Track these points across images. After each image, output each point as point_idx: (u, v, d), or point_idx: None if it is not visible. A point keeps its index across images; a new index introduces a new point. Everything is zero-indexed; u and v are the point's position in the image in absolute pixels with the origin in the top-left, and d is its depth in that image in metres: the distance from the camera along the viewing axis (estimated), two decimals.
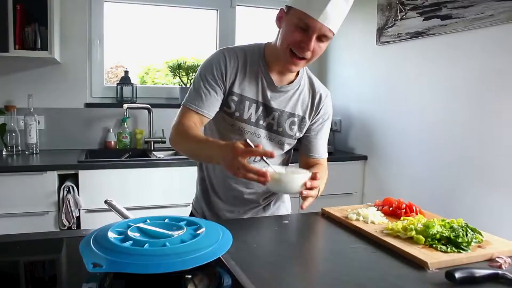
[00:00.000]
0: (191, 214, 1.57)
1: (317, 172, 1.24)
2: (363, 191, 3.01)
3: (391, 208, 1.37)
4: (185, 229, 0.98)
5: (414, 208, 1.33)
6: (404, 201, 1.38)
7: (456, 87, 2.26)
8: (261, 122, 1.41)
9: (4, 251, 1.07)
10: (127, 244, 0.90)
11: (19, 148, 2.70)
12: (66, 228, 2.37)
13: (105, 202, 1.26)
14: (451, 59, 2.29)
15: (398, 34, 2.61)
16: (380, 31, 2.76)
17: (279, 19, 1.32)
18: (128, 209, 2.32)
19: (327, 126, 1.54)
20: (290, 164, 1.52)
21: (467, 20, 2.15)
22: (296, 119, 1.44)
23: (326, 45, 1.30)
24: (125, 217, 1.21)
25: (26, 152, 2.70)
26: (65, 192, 2.35)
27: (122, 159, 2.61)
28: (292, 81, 1.43)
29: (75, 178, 2.40)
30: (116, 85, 3.07)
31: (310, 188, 1.20)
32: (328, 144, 2.93)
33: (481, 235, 1.13)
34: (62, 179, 2.42)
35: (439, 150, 2.38)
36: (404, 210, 1.33)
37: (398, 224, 1.16)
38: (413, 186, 2.56)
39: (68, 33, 2.88)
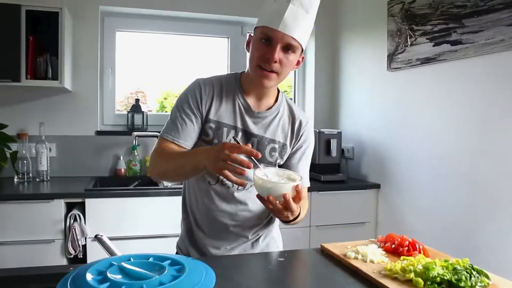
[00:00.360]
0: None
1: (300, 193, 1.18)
2: (376, 221, 2.91)
3: (393, 246, 1.30)
4: (166, 270, 0.96)
5: (417, 246, 1.26)
6: (407, 238, 1.31)
7: (468, 114, 2.19)
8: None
9: None
10: (104, 286, 0.88)
11: (30, 175, 2.73)
12: (72, 256, 2.36)
13: (95, 237, 1.23)
14: (462, 85, 2.22)
15: (408, 60, 2.56)
16: (391, 57, 2.72)
17: (248, 44, 1.35)
18: (134, 238, 2.33)
19: (309, 153, 1.51)
20: None
21: (477, 46, 2.09)
22: (276, 146, 1.42)
23: (295, 57, 1.30)
24: (112, 254, 1.18)
25: (37, 179, 2.72)
26: (72, 220, 2.34)
27: (130, 187, 2.61)
28: (271, 107, 1.42)
29: (82, 206, 2.40)
30: (126, 113, 3.09)
31: (286, 205, 1.15)
32: (340, 172, 2.94)
33: (488, 278, 1.05)
34: (69, 207, 2.43)
35: (451, 179, 2.29)
36: (407, 248, 1.26)
37: (397, 265, 1.10)
38: (427, 217, 2.46)
39: (80, 62, 2.93)
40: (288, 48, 1.26)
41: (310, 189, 2.71)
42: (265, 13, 1.29)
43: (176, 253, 1.53)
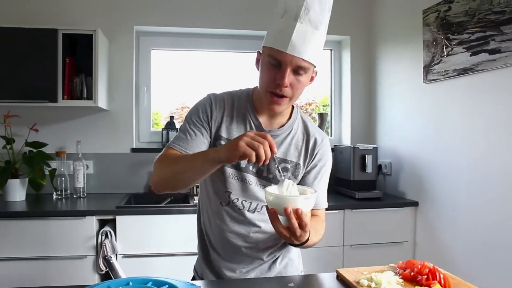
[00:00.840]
0: (193, 278, 1.49)
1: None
2: (414, 240, 2.76)
3: (412, 273, 1.20)
4: None
5: (437, 274, 1.16)
6: (428, 265, 1.21)
7: (509, 127, 2.02)
8: (250, 167, 1.33)
9: None
10: None
11: (68, 191, 2.82)
12: (103, 272, 2.40)
13: (104, 258, 1.23)
14: (502, 96, 2.06)
15: (445, 71, 2.43)
16: (427, 69, 2.59)
17: (257, 62, 1.30)
18: (163, 255, 2.33)
19: (325, 173, 1.42)
20: None
21: None
22: (289, 165, 1.36)
23: (307, 77, 1.24)
24: (116, 277, 1.18)
25: (74, 196, 2.81)
26: (103, 237, 2.39)
27: (161, 204, 2.62)
28: (283, 125, 1.37)
29: (114, 223, 2.44)
30: (161, 130, 3.14)
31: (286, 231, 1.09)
32: (376, 189, 2.81)
33: None
34: (102, 223, 2.48)
35: (495, 197, 2.11)
36: (425, 276, 1.16)
37: None
38: (467, 237, 2.29)
39: (116, 82, 3.03)
40: (298, 70, 1.20)
41: (342, 207, 2.64)
42: (272, 31, 1.22)
43: (193, 277, 1.51)
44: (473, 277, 2.22)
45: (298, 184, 1.38)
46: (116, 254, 2.41)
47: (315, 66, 1.26)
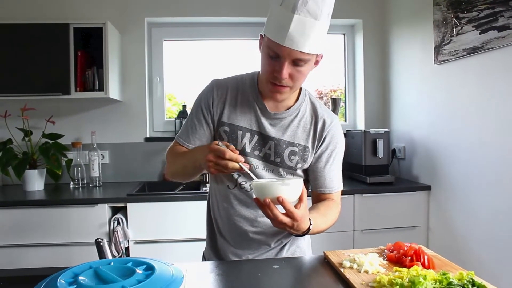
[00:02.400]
0: None
1: (302, 199, 1.11)
2: (428, 225, 2.70)
3: (397, 255, 1.19)
4: (135, 273, 0.97)
5: (421, 256, 1.14)
6: (415, 247, 1.19)
7: None
8: (256, 152, 1.33)
9: None
10: None
11: (84, 181, 2.91)
12: (116, 258, 2.47)
13: (95, 241, 1.27)
14: None
15: (455, 51, 2.35)
16: (437, 49, 2.51)
17: (260, 45, 1.27)
18: (173, 241, 2.38)
19: (338, 156, 1.39)
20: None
21: None
22: (296, 149, 1.34)
23: (308, 67, 1.20)
24: (102, 258, 1.22)
25: (90, 185, 2.90)
26: (115, 223, 2.46)
27: (169, 192, 2.67)
28: (290, 107, 1.35)
29: (126, 210, 2.51)
30: (174, 119, 3.19)
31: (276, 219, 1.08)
32: (389, 173, 2.77)
33: None
34: (116, 211, 2.56)
35: (510, 186, 2.04)
36: (410, 258, 1.14)
37: (385, 277, 1.00)
38: (481, 222, 2.23)
39: (129, 73, 3.09)
40: (297, 62, 1.17)
41: (353, 192, 2.61)
42: (271, 20, 1.17)
43: None
44: (485, 264, 2.17)
45: (309, 168, 1.38)
46: (128, 240, 2.48)
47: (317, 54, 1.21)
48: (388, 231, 2.67)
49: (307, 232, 1.18)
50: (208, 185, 2.89)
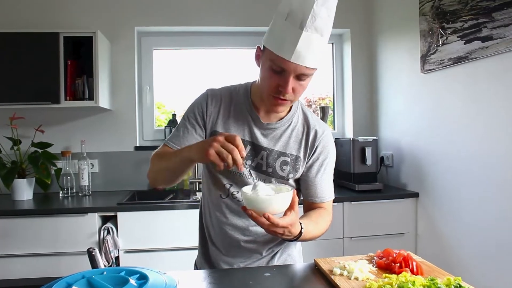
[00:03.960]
0: None
1: (293, 205, 1.13)
2: (416, 232, 2.74)
3: (386, 262, 1.21)
4: (128, 282, 0.97)
5: (410, 262, 1.16)
6: (403, 253, 1.21)
7: (507, 114, 1.99)
8: (248, 162, 1.34)
9: None
10: None
11: (74, 190, 2.90)
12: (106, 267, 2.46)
13: (87, 250, 1.28)
14: (496, 84, 2.03)
15: (440, 60, 2.40)
16: (424, 59, 2.56)
17: (257, 58, 1.28)
18: (164, 250, 2.37)
19: (329, 165, 1.41)
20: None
21: (508, 40, 1.91)
22: (288, 159, 1.36)
23: (308, 81, 1.22)
24: (95, 268, 1.22)
25: (80, 194, 2.89)
26: (105, 233, 2.45)
27: (158, 201, 2.67)
28: (282, 118, 1.37)
29: (116, 220, 2.50)
30: (164, 127, 3.20)
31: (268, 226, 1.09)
32: (377, 181, 2.80)
33: None
34: (106, 220, 2.55)
35: (496, 188, 2.08)
36: (399, 264, 1.16)
37: (374, 284, 1.02)
38: (468, 229, 2.27)
39: (118, 82, 3.09)
40: (301, 76, 1.18)
41: (342, 200, 2.64)
42: (275, 34, 1.17)
43: None
44: (472, 269, 2.21)
45: (300, 178, 1.40)
46: (118, 249, 2.47)
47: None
48: (377, 238, 2.69)
49: (299, 236, 1.20)
50: (198, 193, 2.91)
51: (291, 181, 1.39)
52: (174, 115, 3.22)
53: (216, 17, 3.19)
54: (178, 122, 3.03)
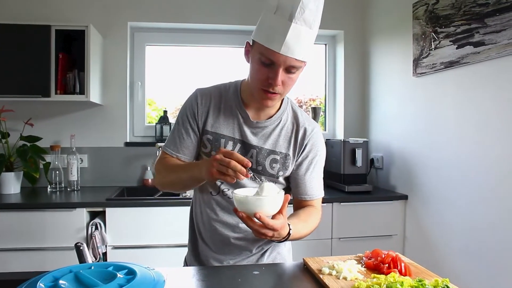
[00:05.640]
0: None
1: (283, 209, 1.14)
2: (404, 234, 2.76)
3: (375, 262, 1.21)
4: (116, 277, 0.97)
5: (398, 263, 1.17)
6: (392, 254, 1.22)
7: (497, 119, 2.00)
8: None
9: None
10: None
11: (62, 185, 2.87)
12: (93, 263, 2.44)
13: (75, 245, 1.26)
14: (487, 88, 2.06)
15: (433, 64, 2.42)
16: (416, 62, 2.58)
17: (247, 53, 1.29)
18: (152, 247, 2.37)
19: (319, 163, 1.42)
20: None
21: (500, 46, 1.94)
22: (278, 157, 1.36)
23: (298, 74, 1.23)
24: (83, 263, 1.21)
25: (68, 189, 2.86)
26: (93, 228, 2.43)
27: (148, 197, 2.66)
28: (272, 116, 1.37)
29: (104, 215, 2.48)
30: (155, 124, 3.18)
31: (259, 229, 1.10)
32: (367, 183, 2.82)
33: None
34: (94, 215, 2.53)
35: (484, 191, 2.10)
36: (387, 265, 1.17)
37: (363, 284, 1.03)
38: (455, 231, 2.29)
39: (110, 77, 3.07)
40: (290, 69, 1.19)
41: (331, 200, 2.65)
42: (264, 28, 1.18)
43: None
44: (459, 271, 2.23)
45: (290, 176, 1.40)
46: (106, 245, 2.45)
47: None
48: (365, 239, 2.71)
49: (287, 237, 1.20)
50: (189, 191, 2.90)
51: (281, 179, 1.40)
52: (165, 111, 3.21)
53: (209, 14, 3.18)
54: (171, 121, 3.03)
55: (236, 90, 1.38)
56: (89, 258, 1.24)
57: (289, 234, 1.20)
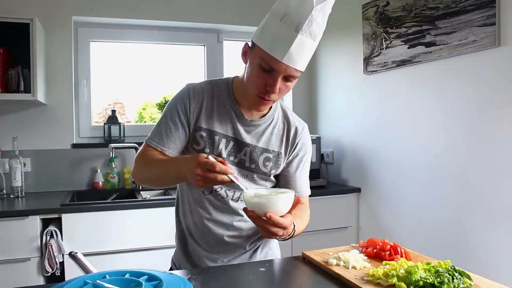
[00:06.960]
0: (170, 269, 1.48)
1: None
2: (358, 225, 2.91)
3: (375, 250, 1.28)
4: (143, 286, 0.92)
5: (399, 249, 1.24)
6: (389, 242, 1.29)
7: (445, 115, 2.20)
8: (231, 158, 1.34)
9: None
10: None
11: (4, 191, 2.64)
12: (49, 274, 2.28)
13: (70, 254, 1.19)
14: (439, 86, 2.24)
15: (384, 63, 2.58)
16: (367, 61, 2.73)
17: (245, 54, 1.28)
18: (113, 253, 2.26)
19: (307, 161, 1.46)
20: None
21: (451, 47, 2.12)
22: (271, 155, 1.38)
23: (294, 83, 1.25)
24: (87, 271, 1.14)
25: (11, 196, 2.64)
26: (48, 237, 2.27)
27: (108, 201, 2.54)
28: (265, 115, 1.38)
29: (59, 222, 2.33)
30: (103, 124, 3.03)
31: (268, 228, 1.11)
32: (320, 177, 2.91)
33: (470, 279, 1.04)
34: (46, 223, 2.36)
35: (432, 182, 2.29)
36: (388, 252, 1.24)
37: (379, 270, 1.08)
38: (408, 220, 2.47)
39: (54, 74, 2.87)
40: (289, 77, 1.20)
41: None
42: (269, 34, 1.17)
43: (170, 268, 1.49)
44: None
45: (280, 173, 1.42)
46: (63, 254, 2.30)
47: None
48: (322, 232, 2.81)
49: (292, 235, 1.23)
50: (143, 193, 2.81)
51: (272, 177, 1.42)
52: (113, 111, 3.07)
53: (158, 10, 3.09)
54: (120, 121, 2.90)
55: (228, 88, 1.37)
56: (89, 265, 1.17)
57: (293, 231, 1.22)
